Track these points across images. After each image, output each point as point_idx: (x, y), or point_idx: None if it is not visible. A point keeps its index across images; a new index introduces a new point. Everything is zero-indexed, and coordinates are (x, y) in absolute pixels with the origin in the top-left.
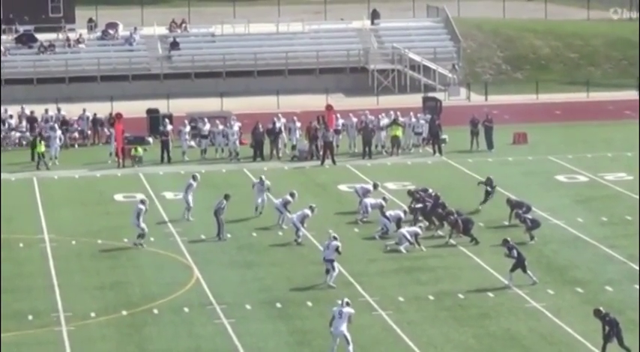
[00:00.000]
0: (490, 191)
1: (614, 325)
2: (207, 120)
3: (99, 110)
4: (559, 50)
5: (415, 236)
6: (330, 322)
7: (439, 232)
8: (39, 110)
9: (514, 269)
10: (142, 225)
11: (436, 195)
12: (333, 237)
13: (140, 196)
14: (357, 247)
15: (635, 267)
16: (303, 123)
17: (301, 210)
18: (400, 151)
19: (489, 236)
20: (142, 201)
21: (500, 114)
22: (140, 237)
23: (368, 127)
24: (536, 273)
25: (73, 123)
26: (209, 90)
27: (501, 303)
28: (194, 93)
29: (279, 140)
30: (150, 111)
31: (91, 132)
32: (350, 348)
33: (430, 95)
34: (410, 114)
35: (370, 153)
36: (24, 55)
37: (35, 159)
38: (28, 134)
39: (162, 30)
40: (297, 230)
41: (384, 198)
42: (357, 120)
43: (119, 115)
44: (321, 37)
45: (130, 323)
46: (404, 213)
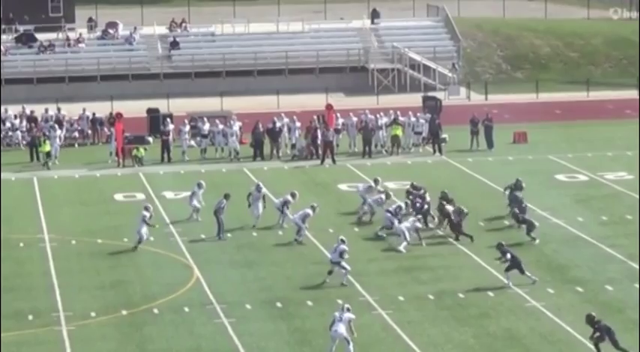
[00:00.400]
0: (518, 197)
1: (604, 332)
2: (206, 119)
3: (99, 110)
4: (559, 49)
5: (416, 230)
6: (330, 326)
7: (439, 231)
8: (39, 110)
9: (509, 270)
10: (142, 230)
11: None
12: (341, 241)
13: (144, 201)
14: (357, 246)
15: (635, 266)
16: (303, 123)
17: (302, 209)
18: (400, 151)
19: (489, 236)
20: (146, 208)
21: (500, 113)
22: (138, 242)
23: (368, 126)
24: (537, 273)
25: (73, 123)
26: (209, 89)
27: (501, 303)
28: (194, 92)
29: (280, 139)
30: (150, 111)
31: (91, 132)
32: (350, 348)
33: (430, 94)
34: (409, 113)
35: (370, 153)
36: (24, 55)
37: (41, 158)
38: (26, 134)
39: (163, 29)
40: (299, 229)
41: (386, 194)
42: (357, 119)
43: (119, 115)
44: (321, 36)
45: (130, 323)
46: (405, 205)
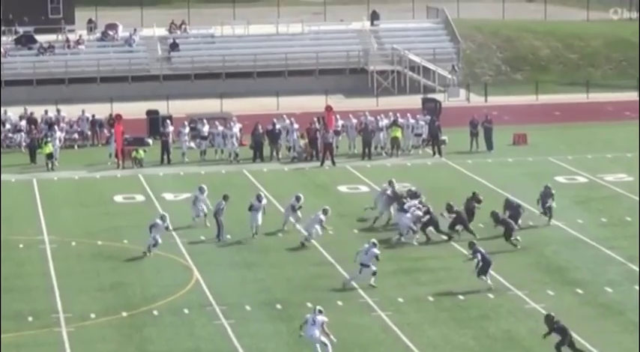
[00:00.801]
0: (548, 203)
1: (560, 331)
2: (206, 121)
3: (99, 111)
4: (559, 51)
5: (419, 220)
6: (301, 326)
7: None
8: (38, 111)
9: (483, 273)
10: (156, 236)
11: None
12: (372, 244)
13: (157, 213)
14: (356, 248)
15: (635, 268)
16: (301, 125)
17: (314, 213)
18: (400, 152)
19: (488, 236)
20: (162, 217)
21: (500, 115)
22: (153, 246)
23: (368, 128)
24: (536, 274)
25: (73, 124)
26: (209, 91)
27: (501, 304)
28: (194, 94)
29: (280, 141)
30: (149, 113)
31: (91, 134)
32: (329, 350)
33: (430, 96)
34: (407, 115)
35: (370, 154)
36: (23, 56)
37: (44, 160)
38: (25, 136)
39: (162, 31)
40: (309, 234)
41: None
42: (356, 121)
43: (119, 116)
44: (321, 38)
45: (130, 325)
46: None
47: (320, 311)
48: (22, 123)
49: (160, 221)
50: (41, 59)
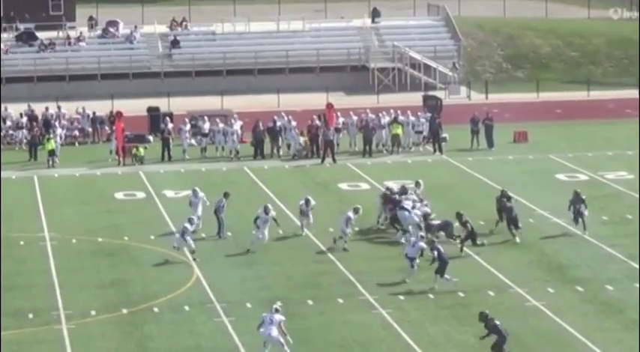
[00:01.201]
0: (580, 210)
1: (493, 330)
2: (207, 118)
3: (99, 108)
4: (559, 49)
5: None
6: (259, 326)
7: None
8: (39, 108)
9: (438, 272)
10: (189, 241)
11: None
12: (420, 237)
13: (185, 220)
14: (357, 245)
15: (635, 266)
16: (299, 122)
17: (344, 212)
18: (400, 150)
19: (489, 234)
20: (190, 220)
21: (501, 112)
22: (192, 253)
23: (368, 126)
24: (537, 272)
25: (73, 121)
26: (209, 88)
27: (502, 302)
28: (194, 91)
29: (280, 138)
30: (150, 110)
31: (92, 131)
32: (286, 350)
33: (430, 94)
34: (408, 112)
35: (370, 152)
36: (24, 53)
37: (45, 156)
38: (26, 133)
39: (163, 28)
40: (344, 234)
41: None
42: (357, 118)
43: (119, 113)
44: (322, 35)
45: (131, 322)
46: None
47: (277, 310)
48: (23, 120)
49: (189, 224)
50: (42, 56)
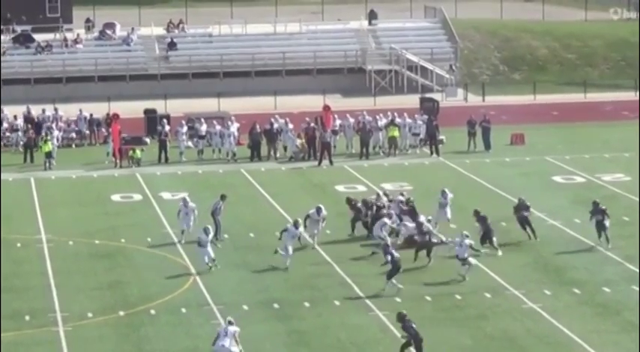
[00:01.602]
0: (602, 222)
1: (407, 330)
2: (204, 120)
3: (96, 110)
4: (556, 51)
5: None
6: (214, 341)
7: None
8: (36, 110)
9: (389, 277)
10: (210, 252)
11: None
12: (465, 236)
13: (201, 230)
14: (353, 248)
15: (632, 268)
16: (296, 125)
17: (381, 219)
18: (397, 152)
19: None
20: (205, 230)
21: (498, 114)
22: (212, 261)
23: (365, 128)
24: (534, 274)
25: (70, 123)
26: (206, 90)
27: (498, 304)
28: (191, 93)
29: (277, 140)
30: (147, 112)
31: (89, 133)
32: None
33: (427, 96)
34: (405, 114)
35: (367, 154)
36: (21, 55)
37: (43, 159)
38: (22, 135)
39: (160, 30)
40: (385, 239)
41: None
42: (354, 120)
43: (116, 115)
44: (319, 37)
45: (128, 324)
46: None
47: (230, 322)
48: (19, 122)
49: (204, 235)
50: (39, 58)
